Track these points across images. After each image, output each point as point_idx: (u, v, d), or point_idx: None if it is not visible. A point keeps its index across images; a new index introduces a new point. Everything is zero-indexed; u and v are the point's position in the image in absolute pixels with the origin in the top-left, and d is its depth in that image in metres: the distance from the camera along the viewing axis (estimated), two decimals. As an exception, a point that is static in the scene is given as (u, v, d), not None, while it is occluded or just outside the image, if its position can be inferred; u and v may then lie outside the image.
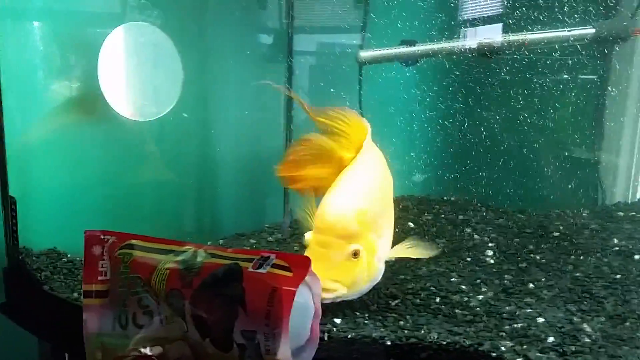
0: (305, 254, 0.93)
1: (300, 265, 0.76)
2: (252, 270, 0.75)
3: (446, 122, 1.83)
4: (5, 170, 1.21)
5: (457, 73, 1.74)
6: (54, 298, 1.12)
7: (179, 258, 0.80)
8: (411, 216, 1.55)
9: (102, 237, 0.84)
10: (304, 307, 0.79)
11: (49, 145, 1.32)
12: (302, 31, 1.74)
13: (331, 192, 1.01)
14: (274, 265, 0.75)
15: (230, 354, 0.75)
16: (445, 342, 0.84)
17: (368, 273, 0.92)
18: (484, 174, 1.75)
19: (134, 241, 0.83)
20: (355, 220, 0.92)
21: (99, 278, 0.84)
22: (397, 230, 1.45)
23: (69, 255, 1.29)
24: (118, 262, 0.82)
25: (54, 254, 1.28)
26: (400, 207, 1.63)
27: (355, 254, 0.89)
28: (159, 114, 1.39)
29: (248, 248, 1.35)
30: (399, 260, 1.19)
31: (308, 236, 0.97)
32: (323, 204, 1.00)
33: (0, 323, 1.25)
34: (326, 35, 1.84)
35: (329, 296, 0.88)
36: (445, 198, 1.71)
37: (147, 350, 0.82)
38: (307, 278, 0.77)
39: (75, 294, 1.10)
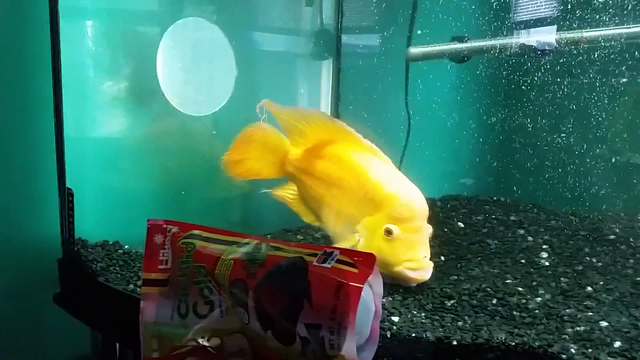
0: None
1: (365, 263, 0.74)
2: (316, 264, 0.74)
3: (494, 122, 1.80)
4: (64, 163, 1.23)
5: (508, 71, 1.71)
6: (109, 289, 1.12)
7: (242, 249, 0.79)
8: (460, 216, 1.52)
9: (164, 226, 0.84)
10: (366, 305, 0.78)
11: (104, 139, 1.34)
12: (350, 29, 1.74)
13: None
14: (338, 261, 0.74)
15: (291, 348, 0.74)
16: (513, 344, 0.82)
17: None
18: (534, 175, 1.71)
19: (196, 231, 0.83)
20: None
21: (159, 267, 0.84)
22: (446, 230, 1.44)
23: (125, 246, 1.30)
24: (181, 252, 0.82)
25: (109, 246, 1.30)
26: (449, 206, 1.60)
27: None
28: (214, 109, 1.40)
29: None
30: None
31: None
32: None
33: (54, 313, 1.28)
34: (374, 33, 1.82)
35: None
36: (494, 198, 1.67)
37: (204, 342, 0.82)
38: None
39: (131, 286, 1.11)
